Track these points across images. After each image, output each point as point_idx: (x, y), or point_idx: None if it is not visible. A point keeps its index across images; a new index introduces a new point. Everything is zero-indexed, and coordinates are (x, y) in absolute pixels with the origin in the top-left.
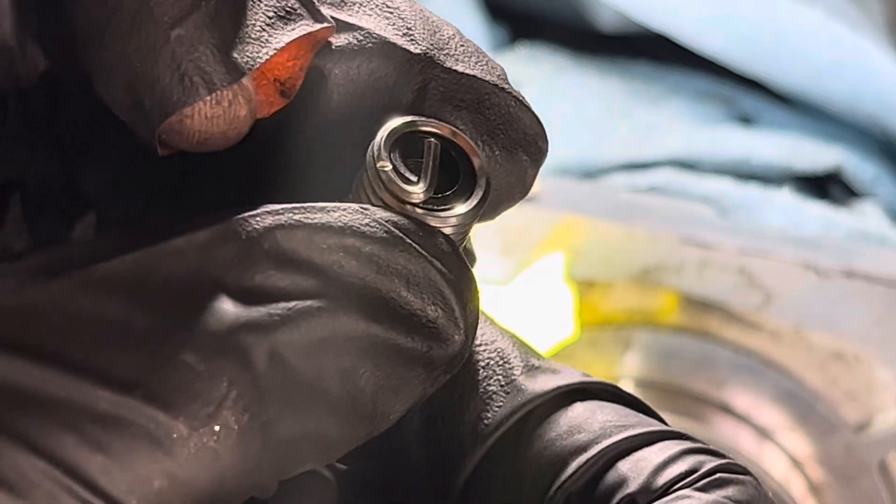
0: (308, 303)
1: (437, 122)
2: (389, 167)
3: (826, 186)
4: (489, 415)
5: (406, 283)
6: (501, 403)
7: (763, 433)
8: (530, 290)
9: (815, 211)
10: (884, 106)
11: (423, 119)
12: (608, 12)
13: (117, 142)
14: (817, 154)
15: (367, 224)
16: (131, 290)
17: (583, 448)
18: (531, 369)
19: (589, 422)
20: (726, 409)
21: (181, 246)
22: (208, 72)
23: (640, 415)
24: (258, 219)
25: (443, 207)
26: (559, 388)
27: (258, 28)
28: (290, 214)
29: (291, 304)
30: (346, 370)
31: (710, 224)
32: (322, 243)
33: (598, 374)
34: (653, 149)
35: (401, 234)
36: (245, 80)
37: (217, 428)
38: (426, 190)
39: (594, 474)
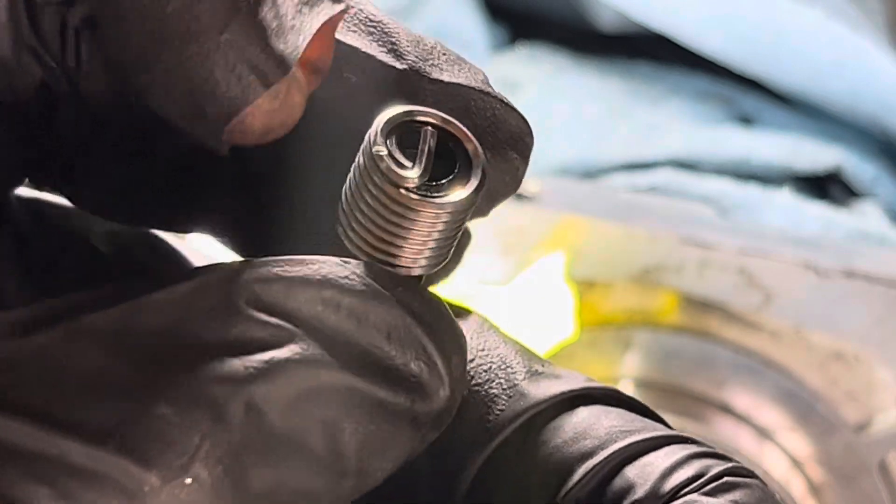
0: (286, 355)
1: (433, 111)
2: (385, 152)
3: (826, 186)
4: (491, 418)
5: (387, 337)
6: (504, 407)
7: (763, 433)
8: (530, 290)
9: (815, 211)
10: (884, 106)
11: (420, 109)
12: (608, 12)
13: (116, 147)
14: (817, 154)
15: (345, 276)
16: (110, 343)
17: (589, 454)
18: (534, 374)
19: (594, 427)
20: (726, 409)
21: (161, 300)
22: (262, 69)
23: (645, 419)
24: (237, 272)
25: (439, 194)
26: (563, 393)
27: (290, 17)
28: (269, 268)
29: (269, 356)
30: (328, 424)
31: (710, 224)
32: (300, 296)
33: (598, 375)
34: (653, 149)
35: (380, 287)
36: (294, 69)
37: (189, 481)
38: (421, 175)
39: (601, 480)
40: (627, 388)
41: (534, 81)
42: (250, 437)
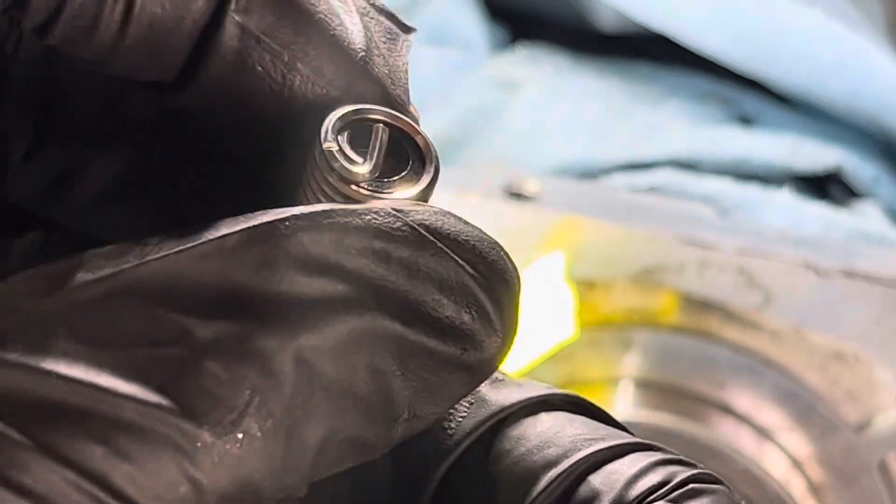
0: (335, 307)
1: (383, 109)
2: (336, 148)
3: (826, 186)
4: (453, 425)
5: (438, 288)
6: (465, 415)
7: (763, 433)
8: (530, 290)
9: (815, 211)
10: (884, 106)
11: (371, 107)
12: (608, 12)
13: (51, 137)
14: (817, 154)
15: (398, 227)
16: (158, 297)
17: (553, 462)
18: (495, 382)
19: (559, 436)
20: (726, 409)
21: (207, 252)
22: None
23: (609, 427)
24: (286, 223)
25: (390, 190)
26: (526, 399)
27: (388, 57)
28: (319, 218)
29: (318, 308)
30: (379, 374)
31: (710, 224)
32: (351, 247)
33: (598, 375)
34: (653, 149)
35: (432, 238)
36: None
37: (240, 435)
38: (371, 170)
39: (566, 489)
40: (627, 388)
41: (534, 81)
42: (301, 390)
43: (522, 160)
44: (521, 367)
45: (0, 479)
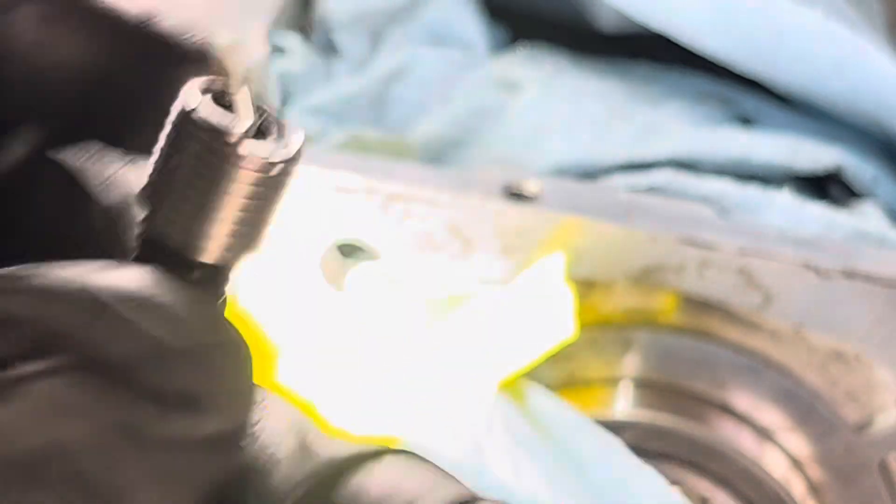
0: (28, 372)
1: (236, 81)
2: (209, 110)
3: (826, 186)
4: (280, 478)
5: (151, 354)
6: (290, 464)
7: (763, 433)
8: (530, 290)
9: (815, 211)
10: (884, 106)
11: (223, 79)
12: (608, 12)
13: None
14: (817, 154)
15: (103, 288)
16: None
17: None
18: (322, 437)
19: (398, 488)
20: (726, 409)
21: None
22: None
23: (447, 474)
24: None
25: (266, 149)
26: (361, 453)
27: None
28: (17, 275)
29: (7, 373)
30: (75, 450)
31: (710, 224)
32: (52, 307)
33: (598, 374)
34: (653, 149)
35: (145, 298)
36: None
37: None
38: (247, 127)
39: None
40: (627, 388)
41: (534, 81)
42: None
43: (522, 160)
44: (521, 367)
45: None
